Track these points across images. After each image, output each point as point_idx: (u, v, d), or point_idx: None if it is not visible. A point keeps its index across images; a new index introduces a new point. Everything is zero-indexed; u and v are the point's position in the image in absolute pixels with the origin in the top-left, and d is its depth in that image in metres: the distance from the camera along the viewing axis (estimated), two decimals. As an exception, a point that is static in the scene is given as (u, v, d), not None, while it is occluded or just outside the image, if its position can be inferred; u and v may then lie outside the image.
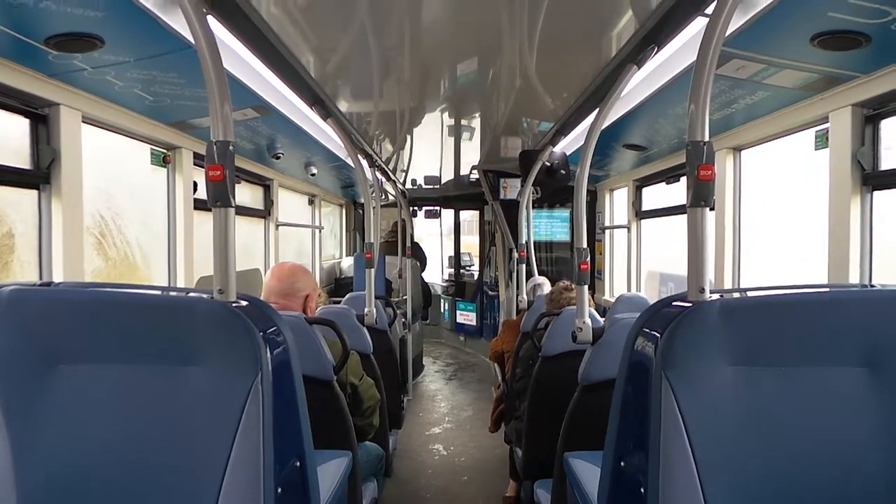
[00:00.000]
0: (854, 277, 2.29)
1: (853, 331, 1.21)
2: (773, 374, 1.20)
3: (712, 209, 1.50)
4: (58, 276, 2.28)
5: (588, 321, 2.18)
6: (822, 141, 2.46)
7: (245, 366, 1.21)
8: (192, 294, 1.43)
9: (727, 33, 1.35)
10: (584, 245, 2.28)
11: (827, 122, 2.40)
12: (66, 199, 2.29)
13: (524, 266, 4.66)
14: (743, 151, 3.19)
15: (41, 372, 1.25)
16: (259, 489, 1.19)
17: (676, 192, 4.17)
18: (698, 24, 1.81)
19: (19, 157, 2.21)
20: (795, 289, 1.38)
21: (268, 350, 1.23)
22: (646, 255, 4.94)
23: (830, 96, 2.32)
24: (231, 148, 1.34)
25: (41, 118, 2.23)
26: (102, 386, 1.26)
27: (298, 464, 1.39)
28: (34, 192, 2.27)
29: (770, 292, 1.34)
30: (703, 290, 1.30)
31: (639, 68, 2.06)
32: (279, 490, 1.25)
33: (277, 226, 4.91)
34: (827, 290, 1.66)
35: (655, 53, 2.01)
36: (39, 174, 2.24)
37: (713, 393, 1.18)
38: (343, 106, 3.15)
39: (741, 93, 2.50)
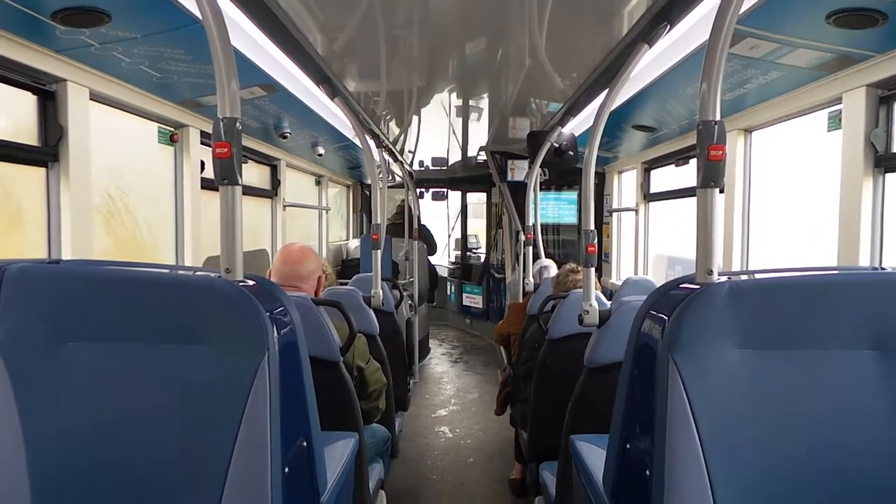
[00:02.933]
0: (864, 260, 2.27)
1: (862, 314, 1.20)
2: (781, 357, 1.19)
3: (722, 191, 1.48)
4: (66, 255, 2.29)
5: (594, 304, 2.17)
6: (834, 122, 2.43)
7: (252, 346, 1.21)
8: (199, 273, 1.43)
9: (741, 11, 1.32)
10: (592, 227, 2.26)
11: (840, 102, 2.36)
12: (74, 177, 2.29)
13: (531, 249, 4.65)
14: (753, 133, 3.15)
15: (50, 349, 1.25)
16: (266, 469, 1.19)
17: (685, 175, 4.14)
18: (712, 1, 1.78)
19: (27, 133, 2.21)
20: (805, 271, 1.37)
21: (275, 330, 1.23)
22: (653, 237, 4.91)
23: (844, 76, 2.28)
24: (238, 125, 1.33)
25: (49, 94, 2.22)
26: (110, 364, 1.26)
27: (305, 444, 1.39)
28: (42, 170, 2.27)
29: (779, 274, 1.33)
30: (711, 272, 1.28)
31: (650, 47, 2.03)
32: (286, 470, 1.25)
33: (284, 206, 4.90)
34: (836, 272, 1.65)
35: (668, 32, 1.97)
36: (47, 151, 2.24)
37: (721, 376, 1.17)
38: (350, 85, 3.13)
39: (754, 72, 2.46)
